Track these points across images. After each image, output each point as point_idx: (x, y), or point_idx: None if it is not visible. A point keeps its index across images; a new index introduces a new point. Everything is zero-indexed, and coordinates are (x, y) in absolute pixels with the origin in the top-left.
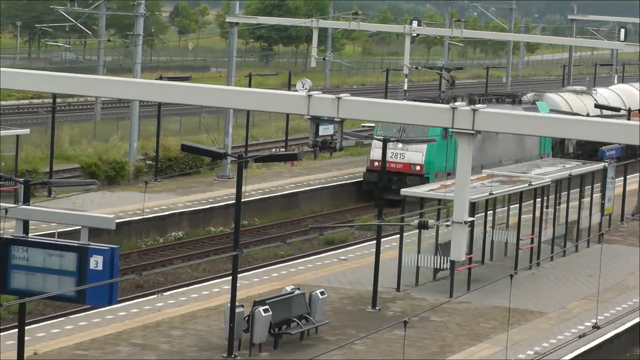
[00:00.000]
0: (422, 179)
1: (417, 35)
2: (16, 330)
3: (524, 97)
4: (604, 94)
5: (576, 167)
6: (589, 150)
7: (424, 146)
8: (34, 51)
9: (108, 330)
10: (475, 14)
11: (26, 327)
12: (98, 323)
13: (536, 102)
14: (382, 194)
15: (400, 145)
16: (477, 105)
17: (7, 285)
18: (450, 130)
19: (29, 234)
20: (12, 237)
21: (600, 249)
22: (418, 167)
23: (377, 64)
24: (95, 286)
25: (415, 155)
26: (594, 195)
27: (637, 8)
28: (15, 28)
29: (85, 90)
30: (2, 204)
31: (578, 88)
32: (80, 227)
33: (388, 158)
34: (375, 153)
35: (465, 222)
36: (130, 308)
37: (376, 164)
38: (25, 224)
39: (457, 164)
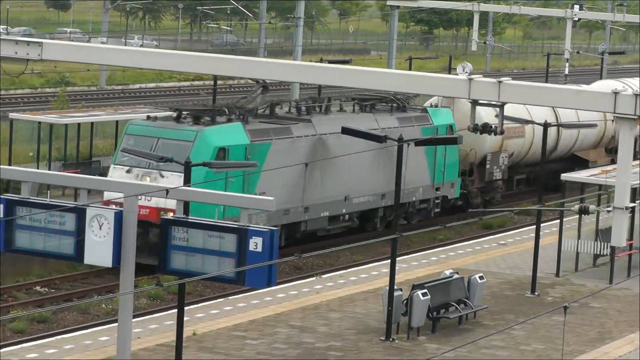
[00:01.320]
0: None
1: (579, 19)
2: (175, 310)
3: (428, 102)
4: None
5: None
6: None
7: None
8: (195, 33)
9: (266, 312)
10: None
11: (185, 308)
12: (257, 305)
13: (428, 110)
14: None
15: (148, 179)
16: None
17: (167, 266)
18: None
19: (189, 215)
20: (172, 217)
21: None
22: (171, 214)
23: (538, 48)
24: (255, 267)
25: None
26: None
27: None
28: (176, 10)
29: (245, 72)
30: (163, 185)
31: None
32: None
33: None
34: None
35: (627, 208)
36: (288, 290)
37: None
38: (186, 205)
39: (619, 150)
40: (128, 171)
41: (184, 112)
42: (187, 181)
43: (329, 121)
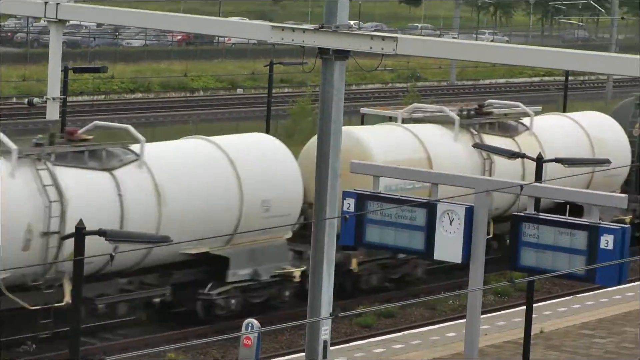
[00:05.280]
0: None
1: None
2: (524, 307)
3: None
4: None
5: None
6: None
7: None
8: (547, 29)
9: (615, 311)
10: None
11: (534, 305)
12: (605, 303)
13: None
14: None
15: None
16: None
17: (517, 262)
18: None
19: (540, 212)
20: (524, 214)
21: None
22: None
23: None
24: (605, 265)
25: None
26: None
27: None
28: (528, 6)
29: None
30: (519, 182)
31: None
32: (590, 205)
33: None
34: None
35: None
36: (637, 289)
37: None
38: (537, 202)
39: None
40: None
41: None
42: (539, 178)
43: None
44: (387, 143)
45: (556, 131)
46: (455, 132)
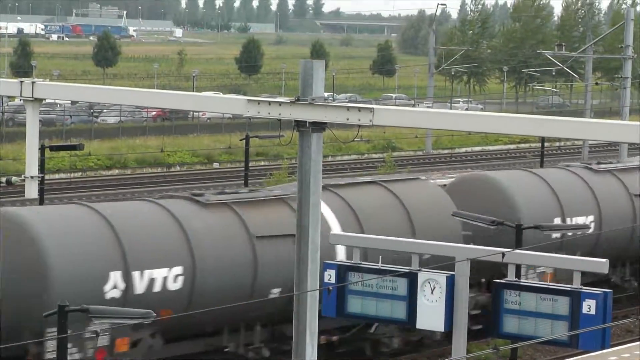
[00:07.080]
0: None
1: None
2: None
3: None
4: None
5: None
6: None
7: None
8: (521, 96)
9: None
10: None
11: None
12: None
13: None
14: None
15: None
16: None
17: (499, 329)
18: None
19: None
20: (505, 281)
21: None
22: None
23: None
24: (588, 331)
25: None
26: None
27: None
28: (501, 73)
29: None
30: (501, 249)
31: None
32: (573, 270)
33: None
34: None
35: None
36: (620, 353)
37: None
38: (518, 268)
39: None
40: None
41: None
42: (519, 244)
43: None
44: None
45: None
46: None
